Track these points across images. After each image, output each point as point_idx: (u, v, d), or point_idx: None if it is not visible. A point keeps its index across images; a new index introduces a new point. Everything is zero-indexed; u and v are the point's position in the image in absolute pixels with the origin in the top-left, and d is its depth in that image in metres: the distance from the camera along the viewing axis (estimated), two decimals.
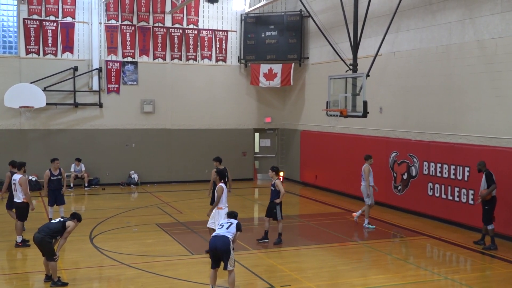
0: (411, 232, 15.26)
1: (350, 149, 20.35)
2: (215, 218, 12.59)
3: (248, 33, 24.44)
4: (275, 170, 14.05)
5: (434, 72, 16.56)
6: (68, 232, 10.57)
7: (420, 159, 16.85)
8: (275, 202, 13.80)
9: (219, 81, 24.69)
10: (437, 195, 16.20)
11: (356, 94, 15.55)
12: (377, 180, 18.80)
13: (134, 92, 23.43)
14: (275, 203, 13.81)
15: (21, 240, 13.30)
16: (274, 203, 13.83)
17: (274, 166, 14.34)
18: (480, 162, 13.54)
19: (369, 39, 18.55)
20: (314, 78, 23.32)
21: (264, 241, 13.91)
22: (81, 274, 11.34)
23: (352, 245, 13.92)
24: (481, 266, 12.21)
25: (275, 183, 13.81)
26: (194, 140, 24.30)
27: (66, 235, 10.60)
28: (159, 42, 23.59)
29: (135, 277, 11.07)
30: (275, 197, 13.83)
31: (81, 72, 22.50)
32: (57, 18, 22.16)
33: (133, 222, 16.34)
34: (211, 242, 9.90)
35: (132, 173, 23.43)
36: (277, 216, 13.81)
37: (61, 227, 10.51)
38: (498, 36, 14.36)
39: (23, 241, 13.28)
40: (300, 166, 24.30)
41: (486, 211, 13.36)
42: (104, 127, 23.07)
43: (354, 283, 10.88)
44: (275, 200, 13.81)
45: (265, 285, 10.67)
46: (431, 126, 16.72)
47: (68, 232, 10.57)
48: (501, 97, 14.33)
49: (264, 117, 25.68)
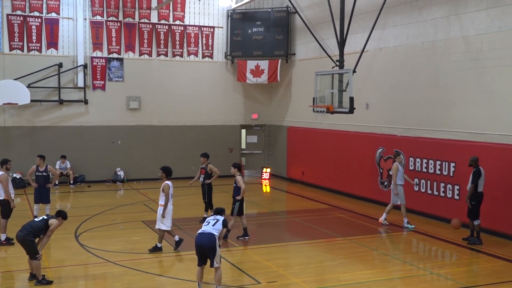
0: (397, 228, 15.31)
1: (336, 145, 20.39)
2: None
3: (235, 29, 24.37)
4: (236, 167, 14.00)
5: (420, 68, 16.61)
6: (51, 230, 10.44)
7: (406, 155, 16.91)
8: (236, 199, 13.73)
9: (205, 78, 24.61)
10: (423, 191, 16.28)
11: (343, 90, 15.57)
12: (364, 176, 18.92)
13: (120, 89, 23.27)
14: (236, 200, 13.75)
15: (5, 238, 13.17)
16: (235, 199, 13.75)
17: (236, 162, 14.45)
18: (473, 158, 13.55)
19: (356, 35, 18.57)
20: (300, 74, 23.32)
21: (244, 238, 13.88)
22: (66, 272, 11.25)
23: (339, 241, 13.94)
24: (467, 261, 12.29)
25: (236, 180, 13.76)
26: (180, 137, 24.22)
27: (49, 234, 10.47)
28: (145, 38, 23.45)
29: (121, 275, 11.00)
30: (236, 194, 13.78)
31: (66, 69, 22.30)
32: (41, 14, 21.94)
33: (119, 220, 16.25)
34: (196, 239, 9.84)
35: (118, 170, 23.30)
36: (232, 212, 13.66)
37: (44, 225, 10.38)
38: (483, 32, 14.43)
39: (7, 239, 13.15)
40: (287, 163, 24.31)
41: (472, 206, 13.45)
42: (89, 124, 22.91)
43: (341, 278, 10.89)
44: (236, 197, 13.76)
45: (252, 281, 10.66)
46: (417, 122, 16.78)
47: (51, 231, 10.44)
48: (487, 93, 14.41)
49: (251, 114, 25.64)
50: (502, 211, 13.78)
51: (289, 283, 10.58)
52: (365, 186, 18.90)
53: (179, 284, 10.55)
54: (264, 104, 25.84)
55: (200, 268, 9.87)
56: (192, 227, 14.63)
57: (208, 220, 10.16)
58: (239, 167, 14.10)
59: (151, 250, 12.61)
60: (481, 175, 13.32)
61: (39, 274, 10.33)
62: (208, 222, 10.10)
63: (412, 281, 10.80)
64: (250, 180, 24.91)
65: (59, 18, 22.20)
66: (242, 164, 25.64)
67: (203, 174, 15.81)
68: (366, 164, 18.77)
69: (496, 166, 13.81)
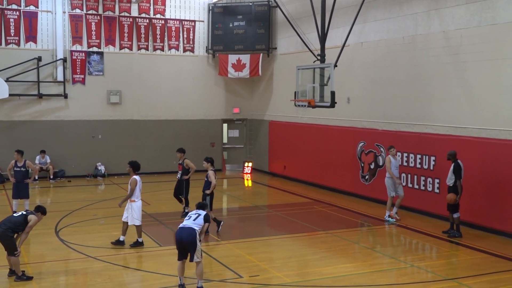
0: (378, 221, 15.42)
1: (318, 139, 20.45)
2: (128, 211, 12.60)
3: (216, 23, 24.27)
4: (210, 161, 13.98)
5: (401, 63, 16.71)
6: (30, 226, 10.31)
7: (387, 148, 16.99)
8: (206, 193, 13.76)
9: (187, 72, 24.51)
10: (403, 184, 16.38)
11: (324, 85, 15.60)
12: (345, 170, 19.01)
13: (100, 83, 23.08)
14: (205, 194, 13.77)
15: None
16: (205, 193, 13.78)
17: (208, 157, 14.29)
18: (450, 152, 13.69)
19: (337, 30, 18.60)
20: (282, 69, 23.32)
21: (220, 226, 13.97)
22: (46, 268, 11.14)
23: (321, 234, 14.00)
24: (447, 254, 12.41)
25: (208, 174, 13.76)
26: (161, 131, 24.10)
27: (28, 230, 10.34)
28: (125, 32, 23.26)
29: (102, 270, 10.93)
30: (207, 188, 13.81)
31: (45, 62, 22.06)
32: (19, 7, 21.65)
33: (99, 215, 16.14)
34: (177, 233, 9.81)
35: (98, 165, 23.13)
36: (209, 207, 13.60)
37: (23, 221, 10.26)
38: (463, 27, 14.54)
39: None
40: (268, 157, 24.33)
41: None
42: (69, 118, 22.70)
43: (323, 272, 10.94)
44: (206, 191, 13.79)
45: (234, 276, 10.66)
46: (398, 116, 16.89)
47: (30, 227, 10.32)
48: (466, 87, 14.54)
49: (233, 108, 25.60)
50: (481, 204, 13.94)
51: (271, 277, 10.60)
52: (347, 180, 18.98)
53: (161, 279, 10.50)
54: (245, 98, 25.81)
55: (181, 263, 9.83)
56: (174, 222, 14.58)
57: (190, 215, 10.14)
58: (212, 161, 14.06)
59: (132, 245, 12.54)
60: (461, 169, 13.46)
61: (18, 270, 10.23)
62: (189, 216, 10.08)
63: (393, 274, 10.89)
64: (232, 174, 24.92)
65: (38, 11, 21.94)
66: (224, 158, 25.69)
67: (180, 170, 15.66)
68: (347, 158, 18.86)
69: (476, 160, 13.95)
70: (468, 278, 10.50)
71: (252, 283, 10.25)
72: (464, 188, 13.64)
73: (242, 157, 26.04)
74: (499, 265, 11.40)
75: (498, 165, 13.44)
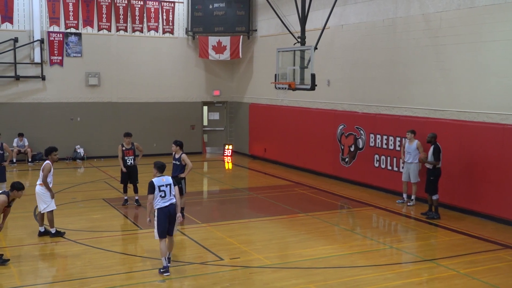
0: (358, 203, 15.55)
1: (298, 122, 20.48)
2: None
3: (196, 5, 24.04)
4: (179, 145, 13.40)
5: (381, 45, 16.74)
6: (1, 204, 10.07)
7: (367, 131, 17.11)
8: (180, 177, 13.21)
9: (166, 54, 24.30)
10: (383, 167, 16.53)
11: (304, 67, 15.59)
12: (325, 153, 19.09)
13: (79, 65, 22.79)
14: (180, 178, 13.19)
15: None
16: (179, 177, 13.13)
17: (178, 140, 13.61)
18: (431, 134, 13.81)
19: (317, 12, 18.55)
20: (262, 51, 23.24)
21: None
22: (25, 251, 11.07)
23: (301, 217, 14.08)
24: (425, 235, 12.57)
25: (182, 157, 13.18)
26: (141, 114, 23.93)
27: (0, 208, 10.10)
28: (103, 13, 22.94)
29: (82, 253, 10.89)
30: (179, 172, 13.29)
31: (22, 44, 21.69)
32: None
33: (79, 198, 16.03)
34: (167, 210, 9.75)
35: (77, 148, 22.93)
36: (183, 191, 13.19)
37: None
38: (442, 10, 14.60)
39: None
40: (249, 139, 24.33)
41: (430, 181, 13.76)
42: (47, 100, 22.41)
43: (303, 254, 11.02)
44: (181, 175, 13.25)
45: (215, 258, 10.69)
46: (377, 98, 16.97)
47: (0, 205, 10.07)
48: (445, 70, 14.64)
49: (213, 90, 25.49)
50: (459, 186, 14.12)
51: (251, 259, 10.65)
52: (326, 162, 19.08)
53: (142, 261, 10.50)
54: (226, 81, 25.70)
55: (164, 241, 9.85)
56: None
57: (162, 189, 9.84)
58: (182, 145, 13.49)
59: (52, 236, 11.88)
60: (440, 151, 13.60)
61: None
62: (164, 192, 9.84)
63: (372, 255, 11.01)
64: (212, 157, 24.89)
65: None
66: (204, 141, 25.63)
67: (132, 156, 14.85)
68: (327, 141, 18.93)
69: (453, 142, 14.10)
70: (446, 259, 10.66)
71: (233, 265, 10.30)
72: (442, 171, 13.79)
73: (223, 139, 26.00)
74: (476, 246, 11.59)
75: (475, 147, 13.61)
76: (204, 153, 25.45)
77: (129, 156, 14.85)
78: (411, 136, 14.81)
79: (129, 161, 14.83)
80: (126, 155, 14.83)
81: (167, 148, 19.10)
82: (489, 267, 10.21)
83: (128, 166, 14.83)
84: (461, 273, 9.86)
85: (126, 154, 14.83)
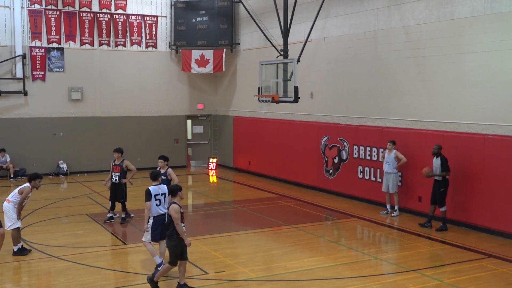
0: (343, 215, 15.59)
1: (282, 134, 20.53)
2: None
3: (179, 19, 24.10)
4: (165, 159, 13.39)
5: (363, 57, 16.89)
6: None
7: (350, 143, 17.20)
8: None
9: (149, 68, 24.29)
10: (366, 178, 16.61)
11: (287, 80, 15.66)
12: (309, 165, 19.15)
13: (61, 80, 22.69)
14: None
15: None
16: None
17: (163, 155, 13.52)
18: (437, 146, 13.68)
19: (300, 25, 18.69)
20: (245, 64, 23.33)
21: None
22: (8, 268, 10.94)
23: (286, 229, 14.08)
24: (409, 245, 12.61)
25: (168, 172, 13.19)
26: (124, 128, 23.85)
27: None
28: (86, 28, 22.90)
29: (66, 270, 10.78)
30: None
31: (4, 59, 21.56)
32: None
33: (62, 213, 15.89)
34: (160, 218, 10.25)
35: (60, 163, 22.76)
36: None
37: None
38: (423, 22, 14.78)
39: None
40: (233, 152, 24.32)
41: (441, 193, 13.63)
42: (29, 115, 22.26)
43: (288, 266, 11.01)
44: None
45: (200, 272, 10.64)
46: (360, 110, 17.08)
47: None
48: (426, 81, 14.79)
49: (197, 104, 25.50)
50: None
51: (236, 273, 10.62)
52: (311, 174, 19.12)
53: (125, 277, 10.42)
54: (209, 94, 25.73)
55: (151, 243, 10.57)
56: (137, 219, 14.49)
57: (158, 198, 10.41)
58: (167, 159, 13.47)
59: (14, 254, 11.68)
60: (447, 161, 13.52)
61: None
62: (159, 200, 10.40)
63: (357, 266, 11.03)
64: (196, 170, 24.84)
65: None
66: (188, 154, 25.58)
67: (118, 172, 14.43)
68: (311, 153, 18.99)
69: None
70: (430, 269, 10.72)
71: (218, 279, 10.26)
72: (425, 180, 13.88)
73: (207, 153, 25.97)
74: (459, 255, 11.66)
75: (457, 157, 13.72)
76: (188, 167, 25.38)
77: (115, 172, 14.49)
78: (392, 146, 14.92)
79: (114, 177, 14.52)
80: (113, 170, 14.55)
81: (151, 162, 19.06)
82: (473, 276, 10.28)
83: (113, 183, 14.59)
84: (446, 283, 9.92)
85: (113, 169, 14.56)
